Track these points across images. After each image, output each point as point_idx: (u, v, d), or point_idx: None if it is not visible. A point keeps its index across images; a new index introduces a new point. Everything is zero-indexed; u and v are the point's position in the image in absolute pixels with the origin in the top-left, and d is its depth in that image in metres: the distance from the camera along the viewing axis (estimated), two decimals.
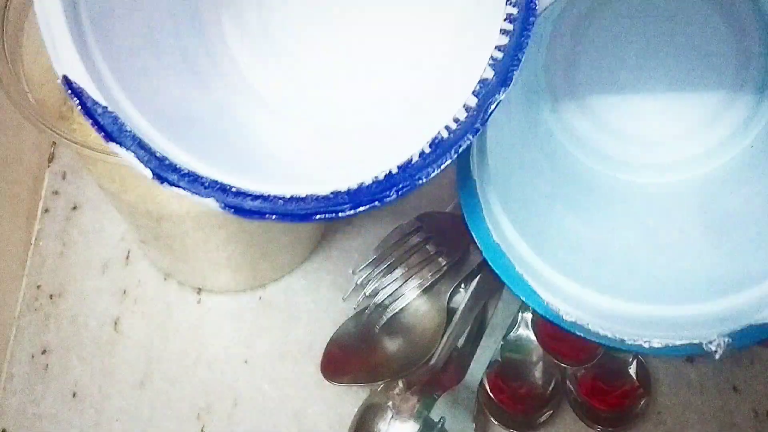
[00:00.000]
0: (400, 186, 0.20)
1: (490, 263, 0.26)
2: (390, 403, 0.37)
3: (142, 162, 0.20)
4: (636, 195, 0.35)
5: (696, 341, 0.26)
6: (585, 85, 0.34)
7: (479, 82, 0.20)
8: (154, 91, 0.23)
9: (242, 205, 0.20)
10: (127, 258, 0.42)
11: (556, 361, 0.38)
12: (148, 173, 0.20)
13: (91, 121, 0.20)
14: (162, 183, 0.20)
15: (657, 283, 0.29)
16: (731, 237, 0.31)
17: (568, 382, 0.38)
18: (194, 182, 0.20)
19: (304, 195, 0.20)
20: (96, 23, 0.21)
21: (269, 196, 0.20)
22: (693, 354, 0.27)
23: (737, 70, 0.33)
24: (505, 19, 0.19)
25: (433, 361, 0.38)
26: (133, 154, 0.20)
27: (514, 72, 0.20)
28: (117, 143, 0.20)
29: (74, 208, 0.43)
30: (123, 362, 0.39)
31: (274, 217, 0.20)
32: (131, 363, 0.39)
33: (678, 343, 0.26)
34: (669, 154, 0.35)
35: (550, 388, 0.38)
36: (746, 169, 0.33)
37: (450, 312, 0.40)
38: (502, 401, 0.37)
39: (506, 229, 0.28)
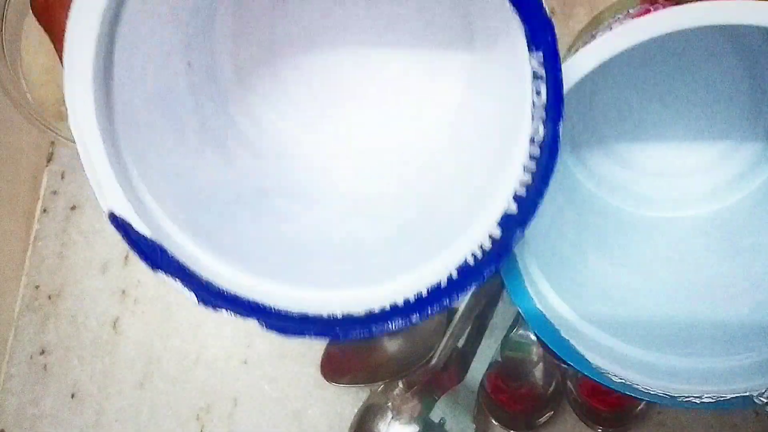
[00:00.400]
0: (428, 308, 0.21)
1: (536, 333, 0.26)
2: (390, 404, 0.37)
3: (187, 288, 0.21)
4: (662, 231, 0.34)
5: (746, 394, 0.26)
6: (602, 120, 0.34)
7: (503, 215, 0.20)
8: (195, 201, 0.23)
9: (284, 327, 0.21)
10: (126, 258, 0.42)
11: (556, 361, 0.38)
12: (194, 298, 0.21)
13: (138, 253, 0.21)
14: (207, 306, 0.21)
15: (696, 332, 0.29)
16: (759, 272, 0.31)
17: (568, 382, 0.38)
18: (237, 305, 0.21)
19: (340, 316, 0.21)
20: (135, 150, 0.21)
21: (308, 317, 0.21)
22: (745, 407, 0.26)
23: (752, 103, 0.33)
24: (530, 157, 0.20)
25: (433, 362, 0.38)
26: (179, 281, 0.21)
27: (539, 203, 0.20)
28: (163, 271, 0.21)
29: (73, 208, 0.43)
30: (122, 362, 0.39)
31: (312, 335, 0.21)
32: (131, 363, 0.39)
33: (729, 397, 0.26)
34: (690, 188, 0.35)
35: (551, 389, 0.38)
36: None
37: (450, 312, 0.39)
38: (503, 401, 0.37)
39: (548, 295, 0.27)
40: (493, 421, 0.37)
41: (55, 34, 0.21)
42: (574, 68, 0.22)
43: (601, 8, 0.31)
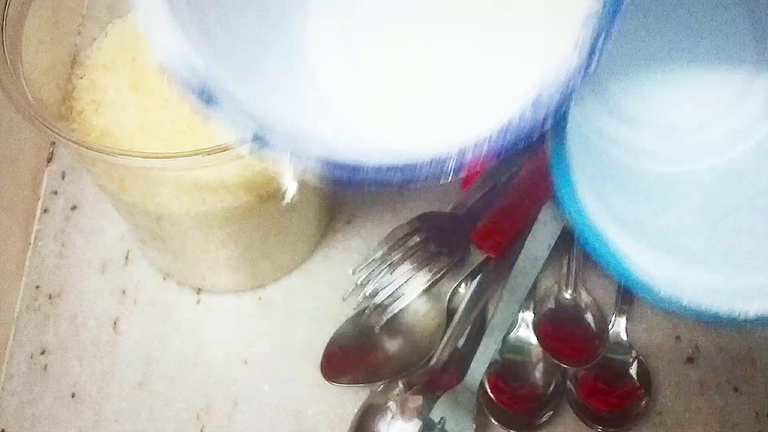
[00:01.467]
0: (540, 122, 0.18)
1: (590, 250, 0.26)
2: (390, 404, 0.37)
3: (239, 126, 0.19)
4: (682, 187, 0.34)
5: None
6: (608, 78, 0.34)
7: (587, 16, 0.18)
8: (233, 34, 0.23)
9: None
10: (126, 258, 0.42)
11: (556, 362, 0.38)
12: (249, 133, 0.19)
13: (188, 90, 0.19)
14: (262, 147, 0.19)
15: (739, 247, 0.29)
16: None
17: (568, 382, 0.38)
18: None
19: (401, 164, 0.19)
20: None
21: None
22: None
23: (756, 50, 0.33)
24: None
25: (433, 362, 0.38)
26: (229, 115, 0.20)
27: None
28: (215, 108, 0.20)
29: (73, 208, 0.43)
30: (122, 363, 0.39)
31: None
32: (130, 363, 0.39)
33: None
34: (703, 138, 0.35)
35: (551, 389, 0.38)
36: None
37: (450, 312, 0.39)
38: (503, 402, 0.37)
39: (596, 211, 0.27)
40: (493, 421, 0.37)
41: None
42: None
43: None
